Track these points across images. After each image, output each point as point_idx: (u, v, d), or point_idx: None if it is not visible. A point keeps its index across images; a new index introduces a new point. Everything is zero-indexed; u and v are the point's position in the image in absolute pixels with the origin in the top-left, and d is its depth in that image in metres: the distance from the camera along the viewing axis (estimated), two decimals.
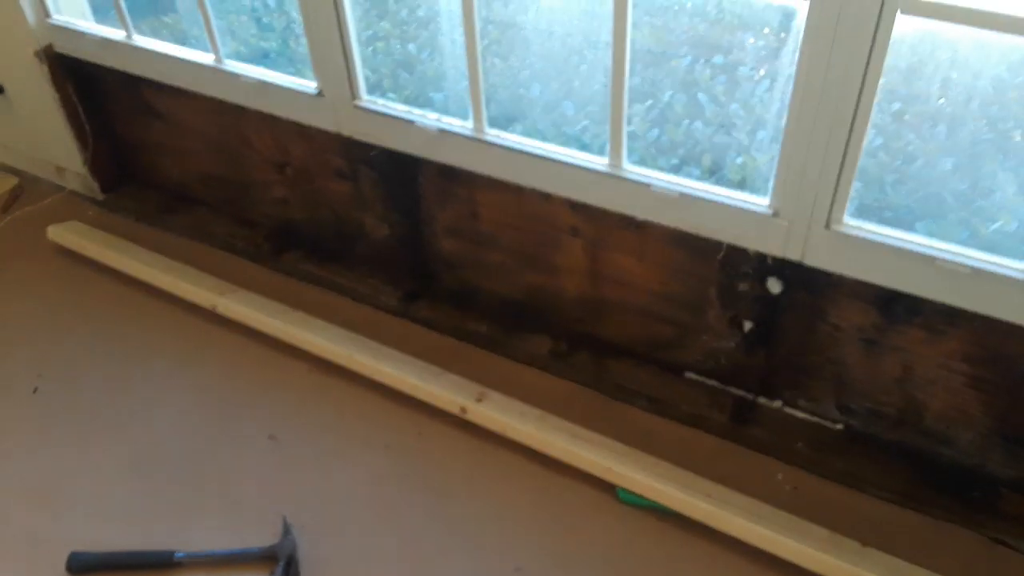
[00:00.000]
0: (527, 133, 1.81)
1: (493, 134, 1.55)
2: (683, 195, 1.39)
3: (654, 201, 1.43)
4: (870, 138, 1.60)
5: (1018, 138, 1.57)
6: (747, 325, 1.59)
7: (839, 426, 1.63)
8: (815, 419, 1.65)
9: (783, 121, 1.26)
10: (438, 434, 1.69)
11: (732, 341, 1.64)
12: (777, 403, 1.68)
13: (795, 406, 1.66)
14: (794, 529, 1.45)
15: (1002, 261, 1.22)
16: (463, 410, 1.67)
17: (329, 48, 1.63)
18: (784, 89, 1.39)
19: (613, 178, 1.45)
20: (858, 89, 1.16)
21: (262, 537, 1.51)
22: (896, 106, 1.68)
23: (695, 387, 1.73)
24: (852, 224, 1.29)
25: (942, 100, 1.67)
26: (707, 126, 1.80)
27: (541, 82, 2.01)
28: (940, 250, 1.24)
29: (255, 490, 1.60)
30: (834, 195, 1.27)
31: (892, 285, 1.32)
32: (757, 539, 1.45)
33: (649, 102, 1.87)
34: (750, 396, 1.69)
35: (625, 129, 1.40)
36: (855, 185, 1.54)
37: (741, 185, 1.62)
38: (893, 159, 1.64)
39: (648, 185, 1.41)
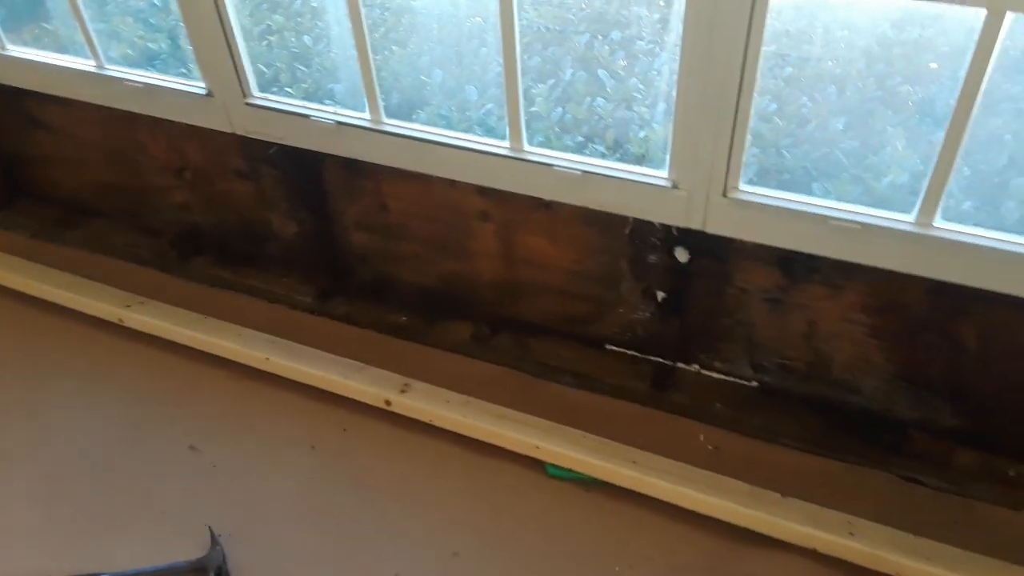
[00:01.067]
0: (431, 120, 1.80)
1: (391, 124, 1.53)
2: (586, 173, 1.40)
3: (558, 181, 1.44)
4: (765, 104, 1.65)
5: (904, 93, 1.63)
6: (660, 295, 1.63)
7: (754, 384, 1.69)
8: (731, 379, 1.70)
9: (675, 93, 1.28)
10: (364, 429, 1.67)
11: (647, 311, 1.67)
12: (695, 367, 1.73)
13: (711, 368, 1.71)
14: (716, 486, 1.50)
15: (889, 215, 1.28)
16: (388, 403, 1.66)
17: (214, 47, 1.58)
18: (674, 61, 1.42)
19: (515, 161, 1.45)
20: (741, 57, 1.19)
21: (189, 550, 1.48)
22: (788, 71, 1.72)
23: (616, 359, 1.76)
24: (747, 190, 1.33)
25: (831, 62, 1.72)
26: (609, 102, 1.81)
27: (442, 67, 1.99)
28: (831, 209, 1.29)
29: (179, 503, 1.56)
30: (728, 163, 1.30)
31: (789, 246, 1.37)
32: (681, 499, 1.50)
33: (551, 81, 1.88)
34: (669, 363, 1.74)
35: (523, 111, 1.40)
36: (753, 151, 1.59)
37: (644, 159, 1.65)
38: (788, 123, 1.69)
39: (550, 166, 1.42)
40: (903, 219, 1.26)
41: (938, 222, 1.24)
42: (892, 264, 1.31)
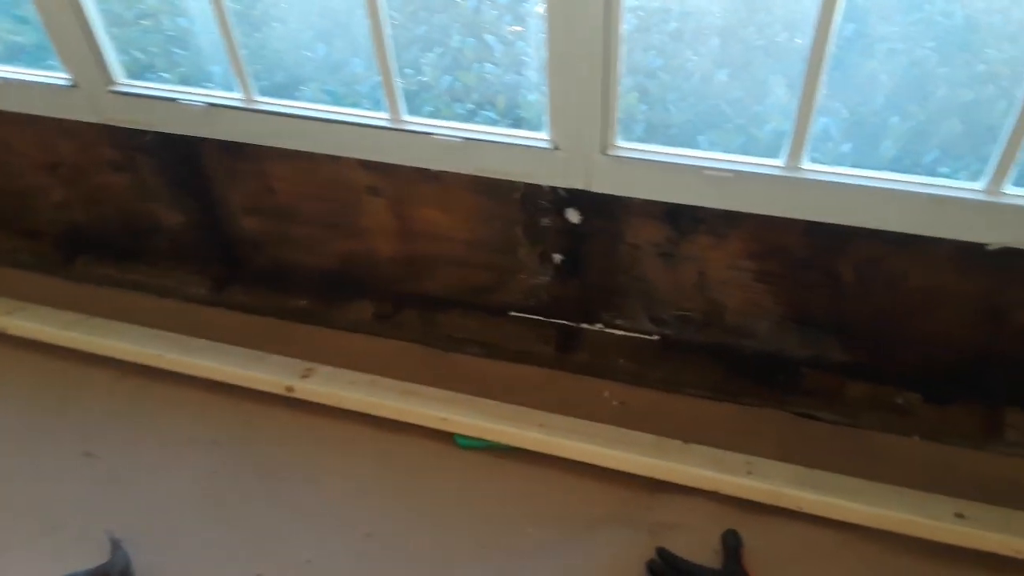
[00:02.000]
0: (317, 96, 1.75)
1: (264, 102, 1.49)
2: (467, 140, 1.39)
3: (439, 150, 1.43)
4: (650, 60, 1.66)
5: (783, 40, 1.66)
6: (557, 258, 1.63)
7: (655, 337, 1.72)
8: (633, 335, 1.73)
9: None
10: (267, 419, 1.64)
11: (547, 275, 1.67)
12: (598, 326, 1.75)
13: (614, 326, 1.73)
14: (621, 440, 1.53)
15: (760, 161, 1.31)
16: (289, 389, 1.63)
17: (71, 34, 1.50)
18: None
19: (395, 132, 1.43)
20: (603, 14, 1.19)
21: (91, 559, 1.42)
22: (672, 25, 1.73)
23: (521, 325, 1.77)
24: (625, 146, 1.34)
25: (714, 15, 1.74)
26: (498, 67, 1.79)
27: (326, 41, 1.93)
28: (704, 159, 1.31)
29: (76, 512, 1.50)
30: (603, 121, 1.31)
31: (669, 199, 1.39)
32: (589, 456, 1.52)
33: (439, 49, 1.84)
34: (572, 324, 1.75)
35: (397, 80, 1.38)
36: (641, 108, 1.60)
37: (535, 123, 1.64)
38: (674, 78, 1.70)
39: (430, 134, 1.40)
40: (773, 164, 1.29)
41: (805, 164, 1.27)
42: (767, 209, 1.35)
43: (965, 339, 1.48)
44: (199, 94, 1.53)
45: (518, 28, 1.81)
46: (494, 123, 1.64)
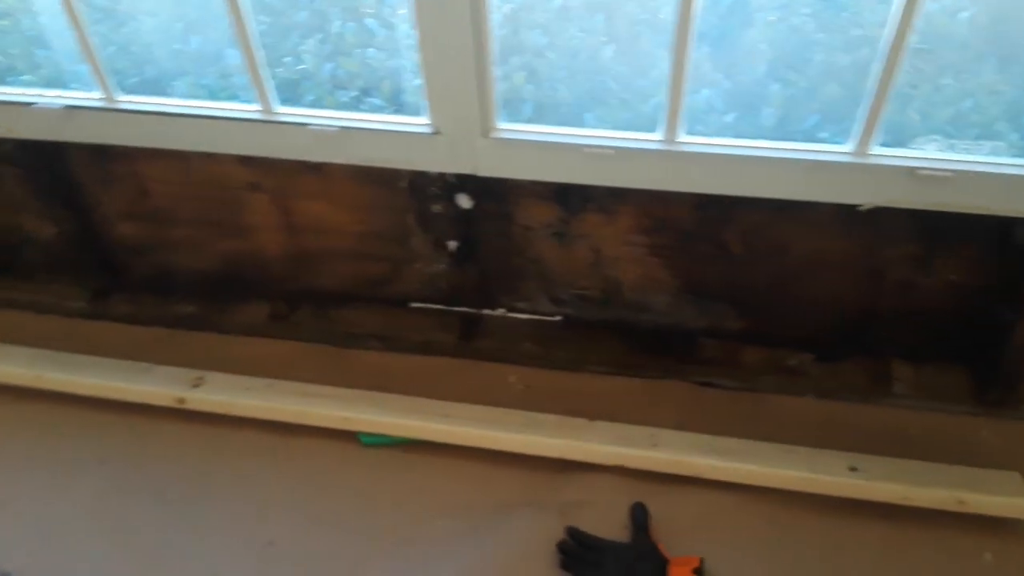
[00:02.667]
0: (192, 91, 1.67)
1: (127, 101, 1.40)
2: (343, 130, 1.35)
3: (315, 141, 1.38)
4: (536, 38, 1.64)
5: (665, 14, 1.66)
6: (452, 244, 1.61)
7: (557, 318, 1.72)
8: (536, 317, 1.72)
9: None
10: (158, 433, 1.56)
11: (443, 263, 1.65)
12: (500, 311, 1.73)
13: (516, 310, 1.72)
14: (526, 423, 1.52)
15: (639, 136, 1.31)
16: (180, 401, 1.56)
17: None
18: None
19: (267, 124, 1.37)
20: None
21: None
22: (558, 3, 1.72)
23: (422, 315, 1.74)
24: (506, 128, 1.32)
25: None
26: (381, 51, 1.74)
27: (200, 32, 1.84)
28: (585, 137, 1.31)
29: None
30: (481, 104, 1.29)
31: (554, 178, 1.38)
32: (495, 442, 1.51)
33: (319, 35, 1.78)
34: (474, 311, 1.73)
35: (266, 69, 1.32)
36: (528, 88, 1.58)
37: (419, 108, 1.61)
38: (561, 56, 1.69)
39: (305, 125, 1.35)
40: (652, 139, 1.29)
41: (682, 137, 1.28)
42: (649, 184, 1.36)
43: (849, 298, 1.54)
44: (57, 96, 1.43)
45: (401, 11, 1.77)
46: (380, 110, 1.59)
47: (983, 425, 1.55)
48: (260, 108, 1.37)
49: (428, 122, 1.34)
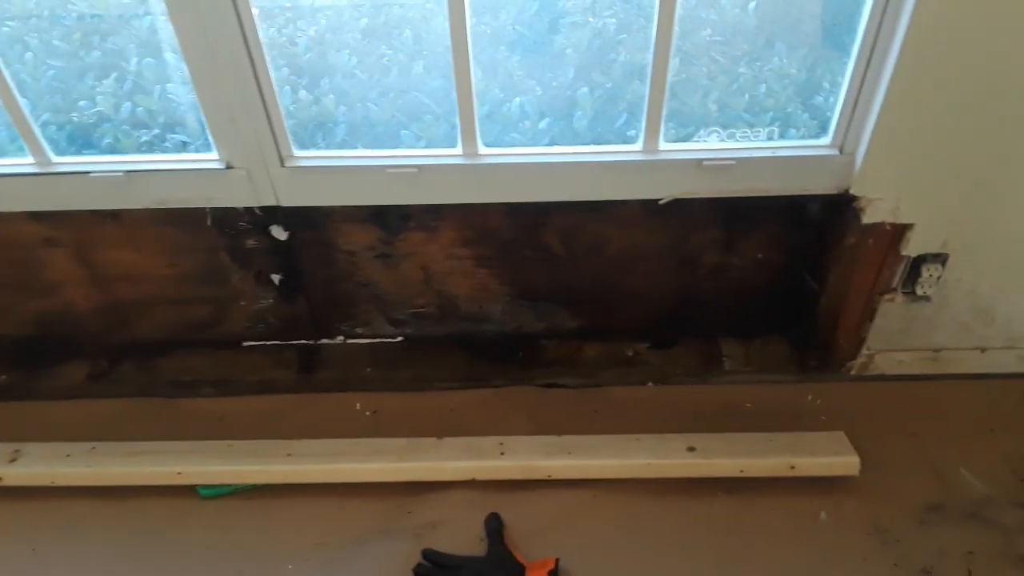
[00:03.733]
0: None
1: None
2: (128, 173, 1.28)
3: (103, 188, 1.30)
4: (344, 59, 1.61)
5: (473, 24, 1.66)
6: (276, 278, 1.56)
7: (399, 339, 1.70)
8: (377, 341, 1.70)
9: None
10: None
11: (270, 297, 1.60)
12: (339, 339, 1.70)
13: (355, 336, 1.69)
14: (374, 451, 1.49)
15: (441, 152, 1.32)
16: None
17: None
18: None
19: (46, 177, 1.28)
20: (237, 24, 1.12)
21: None
22: (364, 22, 1.69)
23: (257, 354, 1.68)
24: (303, 156, 1.29)
25: (401, 6, 1.71)
26: (182, 85, 1.67)
27: None
28: (387, 158, 1.30)
29: None
30: (272, 132, 1.25)
31: (361, 202, 1.37)
32: (342, 475, 1.47)
33: (115, 74, 1.68)
34: (311, 342, 1.69)
35: (32, 119, 1.23)
36: (341, 109, 1.55)
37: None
38: (371, 75, 1.66)
39: (85, 173, 1.27)
40: (453, 153, 1.29)
41: (481, 150, 1.28)
42: (457, 197, 1.36)
43: (671, 286, 1.59)
44: None
45: None
46: (184, 147, 1.53)
47: (809, 390, 1.65)
48: (34, 160, 1.27)
49: (218, 157, 1.28)
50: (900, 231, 1.36)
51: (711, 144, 1.32)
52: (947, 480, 1.47)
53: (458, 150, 1.29)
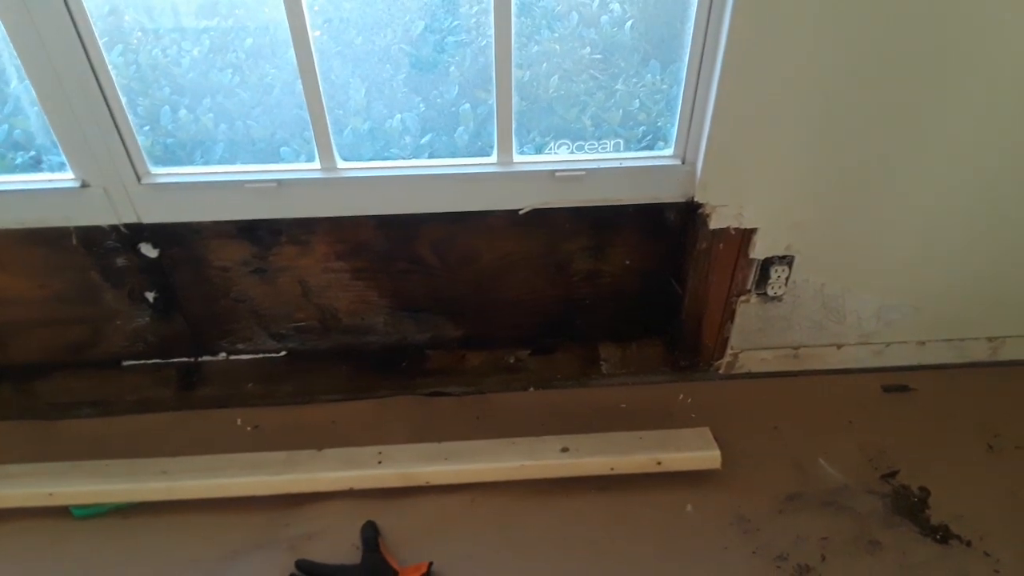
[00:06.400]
0: None
1: None
2: None
3: None
4: (227, 78, 1.62)
5: (359, 42, 1.70)
6: (150, 295, 1.56)
7: (282, 354, 1.71)
8: (259, 356, 1.71)
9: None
10: None
11: (145, 316, 1.60)
12: (221, 356, 1.70)
13: (237, 352, 1.70)
14: (252, 465, 1.50)
15: (300, 167, 1.34)
16: None
17: None
18: None
19: None
20: (78, 43, 1.14)
21: None
22: (249, 41, 1.71)
23: (136, 373, 1.67)
24: (160, 172, 1.31)
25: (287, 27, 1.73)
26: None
27: None
28: (245, 173, 1.32)
29: None
30: (126, 150, 1.26)
31: (223, 217, 1.39)
32: (219, 491, 1.48)
33: None
34: (191, 360, 1.69)
35: None
36: (222, 128, 1.56)
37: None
38: (254, 93, 1.68)
39: None
40: (311, 168, 1.32)
41: (340, 164, 1.32)
42: (322, 211, 1.39)
43: (547, 293, 1.65)
44: None
45: None
46: (62, 167, 1.52)
47: (681, 389, 1.72)
48: None
49: (73, 176, 1.29)
50: (747, 235, 1.44)
51: (563, 156, 1.38)
52: (806, 471, 1.55)
53: (316, 164, 1.32)
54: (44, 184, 1.29)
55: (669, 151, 1.36)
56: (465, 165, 1.33)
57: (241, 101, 1.68)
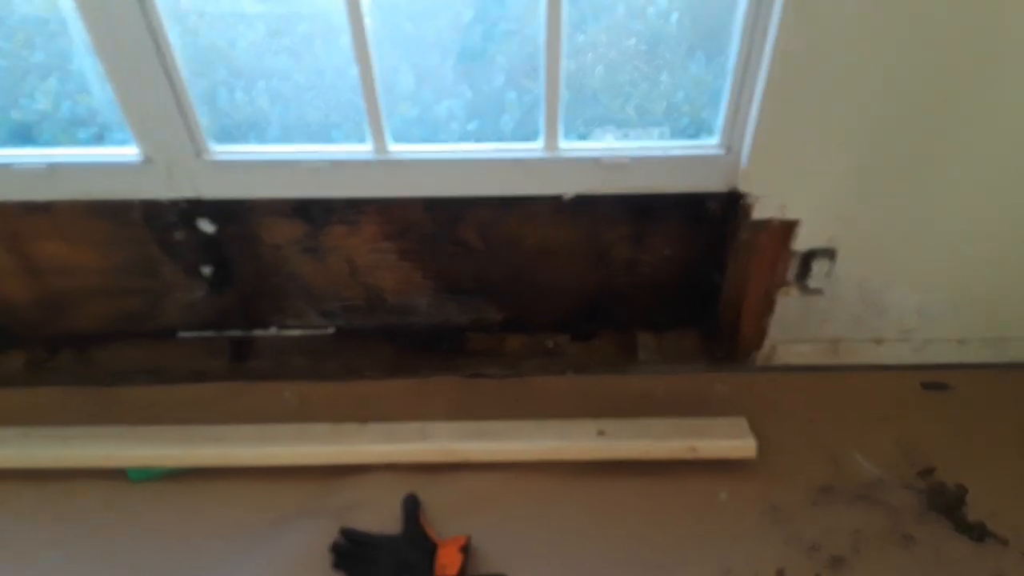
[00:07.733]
0: None
1: None
2: (52, 166, 1.34)
3: (27, 181, 1.37)
4: (283, 62, 1.68)
5: (410, 29, 1.74)
6: (206, 270, 1.62)
7: (330, 330, 1.76)
8: (309, 332, 1.76)
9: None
10: None
11: (201, 289, 1.66)
12: (272, 330, 1.76)
13: (287, 327, 1.76)
14: (299, 436, 1.56)
15: (351, 148, 1.38)
16: None
17: None
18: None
19: None
20: (143, 22, 1.19)
21: None
22: (304, 26, 1.76)
23: (190, 344, 1.74)
24: (219, 150, 1.36)
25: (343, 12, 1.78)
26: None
27: None
28: (301, 153, 1.36)
29: None
30: (188, 127, 1.32)
31: (280, 195, 1.44)
32: (268, 459, 1.53)
33: (58, 74, 1.75)
34: (244, 333, 1.75)
35: None
36: (277, 109, 1.61)
37: None
38: (308, 77, 1.73)
39: (8, 166, 1.33)
40: (363, 149, 1.37)
41: (391, 145, 1.36)
42: (372, 192, 1.43)
43: (587, 279, 1.67)
44: None
45: None
46: (124, 143, 1.59)
47: (717, 379, 1.73)
48: None
49: (137, 151, 1.35)
50: (789, 227, 1.45)
51: (607, 144, 1.40)
52: (840, 464, 1.56)
53: (368, 146, 1.36)
54: (110, 158, 1.35)
55: (713, 140, 1.38)
56: (512, 150, 1.37)
57: (295, 84, 1.73)
